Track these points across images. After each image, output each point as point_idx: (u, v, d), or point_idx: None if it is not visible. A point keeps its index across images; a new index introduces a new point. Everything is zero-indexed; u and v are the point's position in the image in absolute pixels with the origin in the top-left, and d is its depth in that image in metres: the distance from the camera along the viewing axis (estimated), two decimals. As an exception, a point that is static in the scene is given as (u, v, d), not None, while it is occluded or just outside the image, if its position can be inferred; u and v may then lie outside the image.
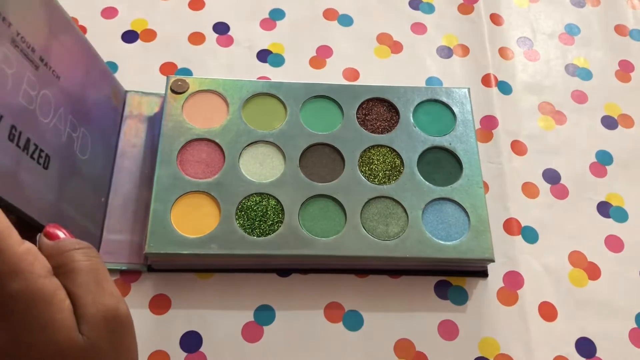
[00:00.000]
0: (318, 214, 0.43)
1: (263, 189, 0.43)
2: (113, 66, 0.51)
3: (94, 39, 0.52)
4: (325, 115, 0.47)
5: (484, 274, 0.45)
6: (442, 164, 0.46)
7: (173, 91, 0.46)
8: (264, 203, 0.43)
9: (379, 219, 0.43)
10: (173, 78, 0.47)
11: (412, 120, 0.47)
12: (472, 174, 0.45)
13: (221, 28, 0.55)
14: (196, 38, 0.54)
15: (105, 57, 0.51)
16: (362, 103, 0.48)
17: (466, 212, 0.44)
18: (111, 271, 0.43)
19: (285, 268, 0.44)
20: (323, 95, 0.48)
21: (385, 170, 0.45)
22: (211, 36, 0.54)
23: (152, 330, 0.41)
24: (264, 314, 0.42)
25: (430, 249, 0.42)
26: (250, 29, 0.55)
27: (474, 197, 0.44)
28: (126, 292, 0.42)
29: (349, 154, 0.45)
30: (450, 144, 0.46)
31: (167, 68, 0.52)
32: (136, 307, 0.42)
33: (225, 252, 0.41)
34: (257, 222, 0.42)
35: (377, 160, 0.45)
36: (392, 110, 0.48)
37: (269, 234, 0.42)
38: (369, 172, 0.45)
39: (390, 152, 0.46)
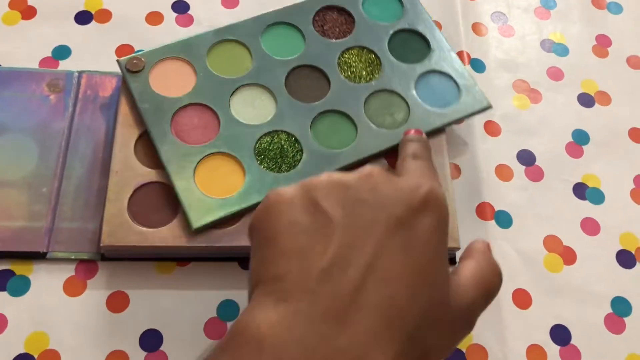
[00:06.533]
0: (329, 130, 0.44)
1: (268, 128, 0.43)
2: (66, 50, 0.49)
3: (45, 20, 0.50)
4: (286, 40, 0.47)
5: (452, 261, 0.43)
6: (409, 44, 0.48)
7: (130, 71, 0.44)
8: (276, 140, 0.43)
9: (382, 112, 0.45)
10: (124, 59, 0.44)
11: (365, 15, 0.49)
12: (439, 44, 0.48)
13: (180, 7, 0.52)
14: (154, 18, 0.51)
15: (58, 40, 0.49)
16: (314, 16, 0.48)
17: (450, 77, 0.47)
18: (64, 261, 0.41)
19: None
20: (276, 22, 0.48)
21: (366, 68, 0.47)
22: (170, 15, 0.51)
23: (109, 329, 0.39)
24: (228, 309, 0.41)
25: (439, 118, 0.45)
26: (212, 7, 0.52)
27: (450, 61, 0.47)
28: (82, 290, 0.40)
29: (327, 66, 0.46)
30: (408, 24, 0.49)
31: (124, 50, 0.49)
32: (92, 305, 0.40)
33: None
34: (279, 160, 0.42)
35: (354, 62, 0.47)
36: (344, 13, 0.49)
37: (295, 165, 0.42)
38: (353, 74, 0.46)
39: (362, 51, 0.47)
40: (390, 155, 0.44)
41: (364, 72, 0.46)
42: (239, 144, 0.42)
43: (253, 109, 0.44)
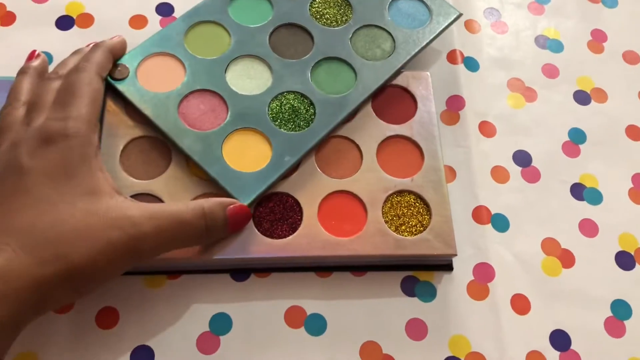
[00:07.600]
0: (329, 77, 0.45)
1: (273, 92, 0.44)
2: (47, 57, 0.47)
3: (25, 26, 0.48)
4: (253, 7, 0.48)
5: (448, 267, 0.42)
6: None
7: (118, 80, 0.43)
8: (285, 102, 0.44)
9: (370, 46, 0.46)
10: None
11: None
12: None
13: (165, 9, 0.50)
14: (138, 21, 0.50)
15: (39, 47, 0.47)
16: None
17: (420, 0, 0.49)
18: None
19: (241, 268, 0.41)
20: None
21: (338, 11, 0.48)
22: (154, 19, 0.50)
23: (99, 347, 0.38)
24: (220, 323, 0.40)
25: (421, 36, 0.47)
26: (197, 9, 0.51)
27: None
28: (70, 307, 0.39)
29: (302, 20, 0.47)
30: None
31: (108, 56, 0.48)
32: (81, 322, 0.39)
33: (301, 153, 0.42)
34: (295, 119, 0.43)
35: (324, 8, 0.48)
36: None
37: (312, 119, 0.43)
38: (329, 20, 0.47)
39: None
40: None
41: (337, 16, 0.48)
42: (252, 115, 0.43)
43: (251, 80, 0.44)
